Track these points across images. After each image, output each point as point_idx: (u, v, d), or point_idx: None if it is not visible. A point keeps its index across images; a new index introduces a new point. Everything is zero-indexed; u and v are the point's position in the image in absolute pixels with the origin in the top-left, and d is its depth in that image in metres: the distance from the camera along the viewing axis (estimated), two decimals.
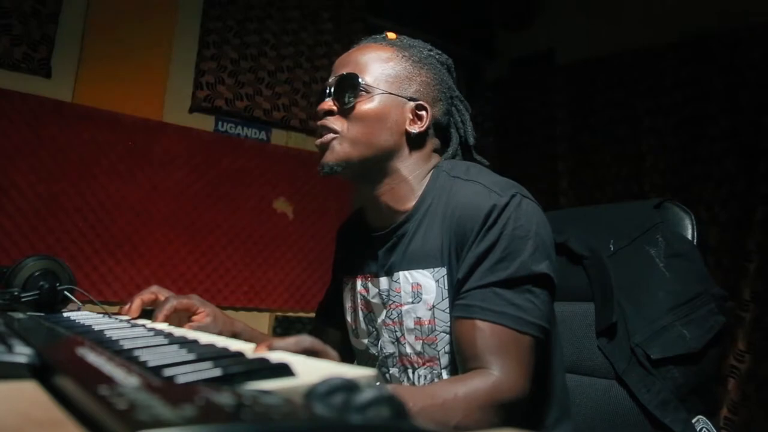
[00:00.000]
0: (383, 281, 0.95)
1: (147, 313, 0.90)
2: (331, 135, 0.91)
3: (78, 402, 0.31)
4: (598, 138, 2.84)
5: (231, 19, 2.48)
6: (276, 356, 0.48)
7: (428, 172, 0.95)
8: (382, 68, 0.93)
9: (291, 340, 0.55)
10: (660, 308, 0.97)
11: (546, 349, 0.87)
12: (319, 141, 0.92)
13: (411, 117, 0.93)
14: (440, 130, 0.99)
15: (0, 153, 1.97)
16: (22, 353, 0.42)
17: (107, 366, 0.38)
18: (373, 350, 0.99)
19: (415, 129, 0.93)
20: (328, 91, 0.94)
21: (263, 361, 0.44)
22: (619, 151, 2.75)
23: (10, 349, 0.44)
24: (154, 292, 0.91)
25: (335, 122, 0.91)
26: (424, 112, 0.93)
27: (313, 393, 0.29)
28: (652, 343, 0.94)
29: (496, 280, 0.80)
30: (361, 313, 1.01)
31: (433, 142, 0.97)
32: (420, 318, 0.89)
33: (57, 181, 2.06)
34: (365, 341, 1.01)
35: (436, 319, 0.88)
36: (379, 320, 0.97)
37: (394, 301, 0.93)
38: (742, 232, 2.29)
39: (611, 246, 1.06)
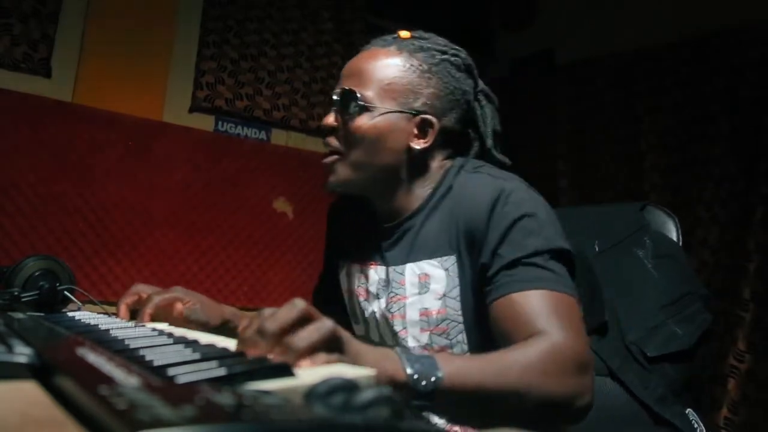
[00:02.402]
0: (385, 271, 0.94)
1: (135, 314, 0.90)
2: (334, 156, 0.90)
3: (78, 402, 0.31)
4: (598, 138, 2.84)
5: (231, 19, 2.48)
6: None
7: (438, 176, 0.93)
8: (386, 81, 0.89)
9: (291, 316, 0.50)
10: (651, 307, 0.99)
11: None
12: (323, 160, 0.91)
13: (416, 132, 0.90)
14: (456, 135, 0.96)
15: (0, 153, 1.97)
16: (22, 353, 0.42)
17: (107, 366, 0.38)
18: (372, 336, 0.99)
19: (419, 146, 0.90)
20: (334, 101, 0.91)
21: (264, 361, 0.44)
22: (619, 151, 2.74)
23: (10, 349, 0.44)
24: (136, 292, 0.90)
25: (337, 141, 0.90)
26: (429, 128, 0.91)
27: (313, 393, 0.29)
28: (647, 340, 0.96)
29: (523, 254, 0.78)
30: (356, 299, 1.00)
31: (443, 153, 0.95)
32: (427, 308, 0.88)
33: (57, 181, 2.05)
34: (361, 327, 1.01)
35: (447, 308, 0.87)
36: (370, 310, 0.96)
37: (396, 294, 0.91)
38: (742, 232, 2.29)
39: (596, 247, 1.08)
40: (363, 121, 0.88)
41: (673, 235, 1.08)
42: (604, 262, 1.05)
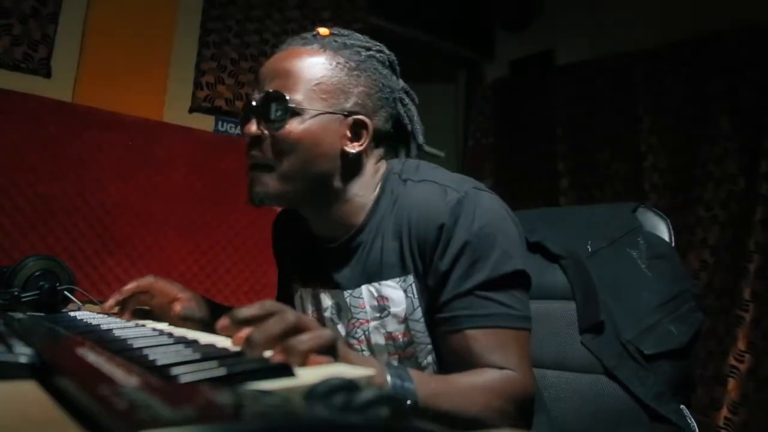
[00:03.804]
0: (338, 295, 0.89)
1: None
2: (260, 170, 0.82)
3: (78, 402, 0.31)
4: (598, 138, 2.84)
5: (231, 19, 2.47)
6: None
7: (378, 183, 0.88)
8: (314, 82, 0.82)
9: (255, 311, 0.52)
10: (647, 306, 1.00)
11: None
12: (248, 172, 0.84)
13: (349, 135, 0.84)
14: (385, 136, 0.91)
15: (0, 153, 1.97)
16: (22, 353, 0.42)
17: (107, 366, 0.38)
18: None
19: (353, 149, 0.84)
20: (253, 106, 0.83)
21: (264, 361, 0.44)
22: (619, 151, 2.75)
23: (10, 349, 0.44)
24: (142, 292, 0.94)
25: (264, 152, 0.82)
26: (363, 130, 0.85)
27: (313, 393, 0.29)
28: (643, 339, 0.97)
29: (474, 284, 0.77)
30: None
31: (378, 153, 0.90)
32: (391, 333, 0.85)
33: (57, 181, 2.05)
34: None
35: (411, 331, 0.84)
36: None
37: (357, 319, 0.87)
38: (742, 232, 2.29)
39: (588, 247, 1.08)
40: (293, 126, 0.80)
41: (666, 236, 1.09)
42: (597, 262, 1.06)
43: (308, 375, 0.40)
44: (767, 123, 2.28)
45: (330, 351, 0.51)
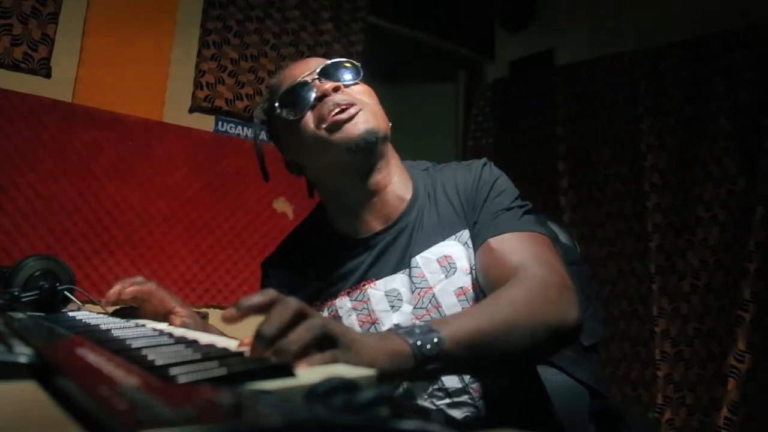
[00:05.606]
0: (391, 280, 0.94)
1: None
2: (357, 106, 0.91)
3: (78, 402, 0.31)
4: (598, 138, 2.84)
5: (231, 19, 2.48)
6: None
7: (407, 175, 1.01)
8: None
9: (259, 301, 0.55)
10: None
11: None
12: (346, 114, 0.90)
13: None
14: None
15: (0, 153, 1.97)
16: (22, 353, 0.42)
17: (107, 366, 0.38)
18: None
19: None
20: (318, 73, 0.95)
21: (264, 361, 0.44)
22: (619, 151, 2.75)
23: (10, 349, 0.44)
24: (144, 294, 0.93)
25: (350, 95, 0.93)
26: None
27: (313, 393, 0.29)
28: None
29: (499, 208, 0.89)
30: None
31: None
32: (462, 287, 0.90)
33: (57, 181, 2.05)
34: None
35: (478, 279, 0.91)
36: (389, 326, 0.91)
37: (421, 288, 0.91)
38: (742, 232, 2.29)
39: None
40: (362, 85, 0.96)
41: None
42: None
43: (308, 375, 0.40)
44: (767, 123, 2.28)
45: (326, 341, 0.51)
